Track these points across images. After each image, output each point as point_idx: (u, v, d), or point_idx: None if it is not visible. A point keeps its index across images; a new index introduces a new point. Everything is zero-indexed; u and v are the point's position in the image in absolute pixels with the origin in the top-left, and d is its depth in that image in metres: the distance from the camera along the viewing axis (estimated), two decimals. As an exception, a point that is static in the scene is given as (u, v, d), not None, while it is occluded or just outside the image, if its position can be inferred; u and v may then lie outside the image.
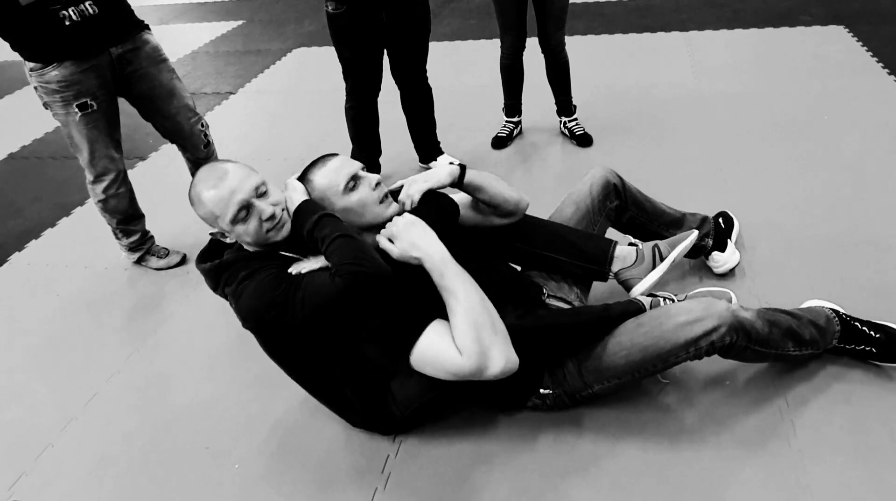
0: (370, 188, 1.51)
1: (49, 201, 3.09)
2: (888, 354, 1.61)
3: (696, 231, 1.81)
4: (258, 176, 1.43)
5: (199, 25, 5.95)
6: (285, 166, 3.10)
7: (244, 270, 1.40)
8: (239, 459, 1.64)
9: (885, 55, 3.54)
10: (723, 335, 1.41)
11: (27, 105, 4.44)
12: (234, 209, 1.37)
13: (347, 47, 2.53)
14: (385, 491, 1.51)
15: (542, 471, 1.51)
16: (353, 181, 1.50)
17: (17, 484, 1.66)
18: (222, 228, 1.42)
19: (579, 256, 1.74)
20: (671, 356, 1.44)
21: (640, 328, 1.48)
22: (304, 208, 1.43)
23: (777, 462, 1.46)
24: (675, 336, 1.42)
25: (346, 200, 1.49)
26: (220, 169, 1.41)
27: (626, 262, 1.75)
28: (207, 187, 1.39)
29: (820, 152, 2.68)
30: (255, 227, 1.40)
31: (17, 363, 2.09)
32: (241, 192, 1.38)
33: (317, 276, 1.37)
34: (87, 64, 2.07)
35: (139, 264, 2.50)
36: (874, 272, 1.98)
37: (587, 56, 4.01)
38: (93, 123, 2.15)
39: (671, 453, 1.51)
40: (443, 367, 1.35)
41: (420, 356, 1.38)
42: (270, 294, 1.36)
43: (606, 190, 1.88)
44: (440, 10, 5.44)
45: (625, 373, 1.49)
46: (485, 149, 3.09)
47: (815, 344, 1.59)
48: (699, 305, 1.45)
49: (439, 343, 1.35)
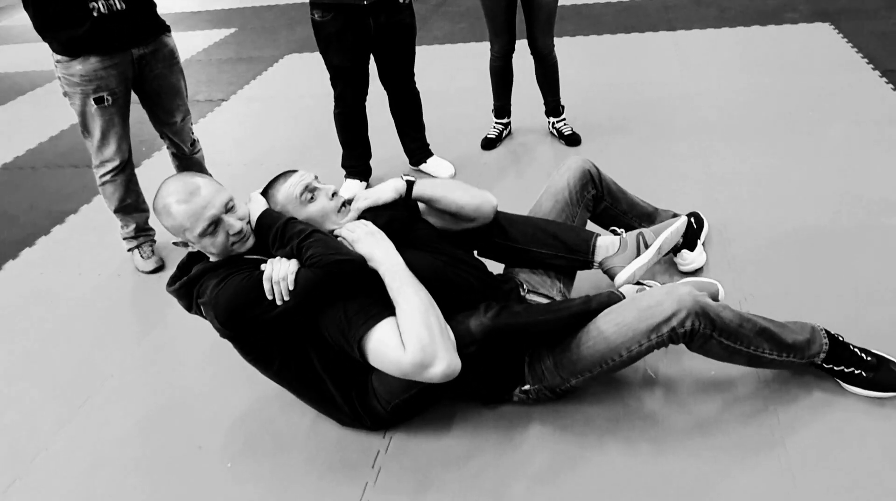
0: (328, 198, 1.59)
1: (43, 210, 3.11)
2: (876, 381, 1.52)
3: (685, 217, 1.79)
4: (227, 192, 1.51)
5: (192, 34, 5.98)
6: (277, 171, 3.11)
7: (215, 278, 1.46)
8: (231, 457, 1.66)
9: (869, 51, 3.58)
10: (683, 319, 1.38)
11: (21, 116, 4.47)
12: (205, 224, 1.44)
13: (334, 54, 2.56)
14: (376, 486, 1.53)
15: (530, 463, 1.52)
16: (312, 193, 1.58)
17: (11, 488, 1.67)
18: (188, 239, 1.49)
19: (562, 247, 1.75)
20: (634, 344, 1.43)
21: (607, 316, 1.48)
22: (269, 214, 1.51)
23: (766, 469, 1.47)
24: (637, 324, 1.42)
25: (307, 210, 1.57)
26: (192, 183, 1.47)
27: (610, 251, 1.75)
28: (178, 201, 1.45)
29: (806, 148, 2.71)
30: (221, 240, 1.47)
31: (10, 368, 2.11)
32: (213, 208, 1.44)
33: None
34: (110, 62, 2.18)
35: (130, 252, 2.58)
36: (860, 264, 2.00)
37: (576, 57, 4.04)
38: (107, 116, 2.27)
39: (657, 451, 1.53)
40: (388, 360, 1.39)
41: (371, 349, 1.41)
42: (247, 294, 1.41)
43: (584, 180, 1.90)
44: (430, 15, 5.48)
45: (594, 365, 1.49)
46: (475, 150, 3.11)
47: (797, 351, 1.51)
48: (661, 290, 1.45)
49: (388, 339, 1.39)
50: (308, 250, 1.41)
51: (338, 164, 2.91)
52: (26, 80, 5.12)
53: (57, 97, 2.48)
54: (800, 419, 1.53)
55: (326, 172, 3.01)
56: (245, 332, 1.50)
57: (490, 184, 2.78)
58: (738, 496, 1.39)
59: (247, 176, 3.15)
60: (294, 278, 1.39)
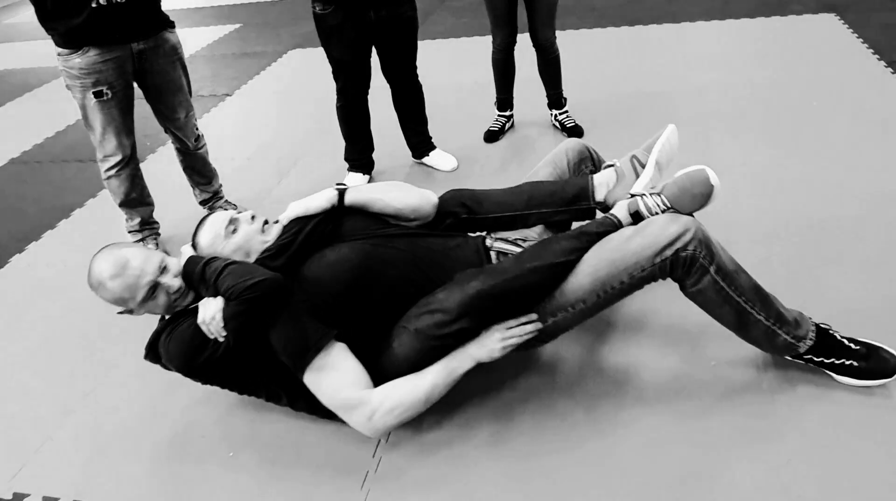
0: (248, 223, 1.63)
1: (49, 204, 3.14)
2: (868, 370, 1.51)
3: (672, 125, 1.70)
4: (158, 254, 1.55)
5: (196, 30, 6.00)
6: (281, 165, 3.14)
7: (165, 332, 1.56)
8: (233, 447, 1.68)
9: (875, 42, 3.55)
10: (687, 242, 1.38)
11: (28, 112, 4.51)
12: (144, 291, 1.50)
13: (336, 47, 2.56)
14: (376, 474, 1.54)
15: (526, 455, 1.54)
16: (232, 225, 1.62)
17: (17, 476, 1.70)
18: (131, 308, 1.55)
19: (561, 202, 1.71)
20: (637, 270, 1.42)
21: (608, 243, 1.47)
22: (190, 262, 1.54)
23: (765, 457, 1.48)
24: (641, 247, 1.41)
25: (232, 242, 1.61)
26: (121, 257, 1.51)
27: (610, 185, 1.69)
28: (111, 276, 1.50)
29: (810, 139, 2.70)
30: (163, 301, 1.54)
31: (17, 360, 2.14)
32: (147, 275, 1.50)
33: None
34: (109, 55, 2.19)
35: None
36: (862, 256, 2.00)
37: (579, 50, 4.04)
38: (106, 109, 2.27)
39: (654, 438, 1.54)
40: (338, 392, 1.45)
41: (320, 366, 1.45)
42: (191, 342, 1.49)
43: (581, 156, 1.91)
44: (434, 9, 5.48)
45: (591, 293, 1.46)
46: (477, 143, 3.12)
47: (784, 324, 1.49)
48: (665, 217, 1.45)
49: (341, 368, 1.46)
50: (223, 286, 1.44)
51: (341, 158, 2.92)
52: (34, 76, 5.17)
53: (63, 93, 2.50)
54: (800, 408, 1.53)
55: (329, 166, 3.03)
56: (210, 375, 1.57)
57: (492, 176, 2.79)
58: (737, 484, 1.40)
59: (250, 170, 3.17)
60: (221, 315, 1.43)
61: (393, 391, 1.45)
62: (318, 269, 1.54)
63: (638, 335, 1.82)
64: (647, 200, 1.56)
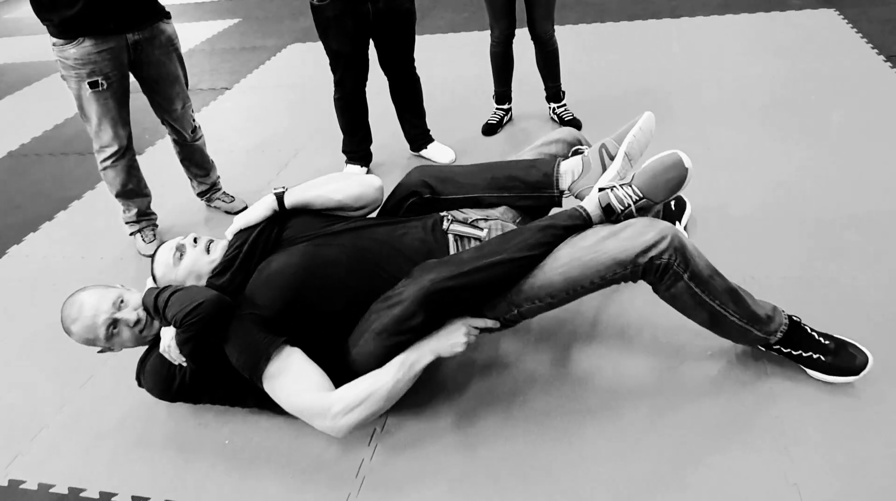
0: (192, 247, 1.65)
1: (47, 196, 3.14)
2: (835, 365, 1.50)
3: (649, 112, 1.63)
4: (113, 291, 1.59)
5: (195, 24, 6.00)
6: (280, 158, 3.14)
7: (145, 361, 1.64)
8: (229, 435, 1.68)
9: (874, 36, 3.55)
10: (662, 250, 1.36)
11: (27, 105, 4.51)
12: (104, 329, 1.55)
13: (334, 38, 2.56)
14: (371, 462, 1.55)
15: (526, 439, 1.54)
16: (178, 251, 1.64)
17: (13, 464, 1.70)
18: (103, 346, 1.60)
19: (524, 187, 1.66)
20: (609, 272, 1.40)
21: (582, 242, 1.44)
22: (147, 295, 1.57)
23: (763, 456, 1.48)
24: (616, 251, 1.38)
25: (182, 269, 1.63)
26: (76, 302, 1.58)
27: (575, 174, 1.64)
28: (72, 322, 1.57)
29: (809, 133, 2.70)
30: (128, 335, 1.59)
31: (14, 350, 2.14)
32: (102, 313, 1.55)
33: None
34: (104, 46, 2.19)
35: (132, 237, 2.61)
36: (858, 250, 2.00)
37: (578, 44, 4.03)
38: (102, 100, 2.27)
39: (650, 427, 1.54)
40: (295, 397, 1.46)
41: (278, 370, 1.46)
42: (160, 370, 1.59)
43: (573, 144, 1.86)
44: (434, 4, 5.48)
45: (560, 291, 1.44)
46: (476, 136, 3.12)
47: (757, 322, 1.49)
48: (643, 221, 1.42)
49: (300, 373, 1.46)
50: (169, 315, 1.47)
51: (339, 151, 2.92)
52: (33, 70, 5.17)
53: (62, 87, 2.50)
54: (799, 398, 1.54)
55: (328, 158, 3.04)
56: (192, 397, 1.66)
57: (490, 169, 2.78)
58: (735, 472, 1.40)
59: (248, 162, 3.17)
60: (174, 342, 1.48)
61: (351, 391, 1.44)
62: (261, 280, 1.54)
63: (615, 328, 1.82)
64: (617, 191, 1.50)
